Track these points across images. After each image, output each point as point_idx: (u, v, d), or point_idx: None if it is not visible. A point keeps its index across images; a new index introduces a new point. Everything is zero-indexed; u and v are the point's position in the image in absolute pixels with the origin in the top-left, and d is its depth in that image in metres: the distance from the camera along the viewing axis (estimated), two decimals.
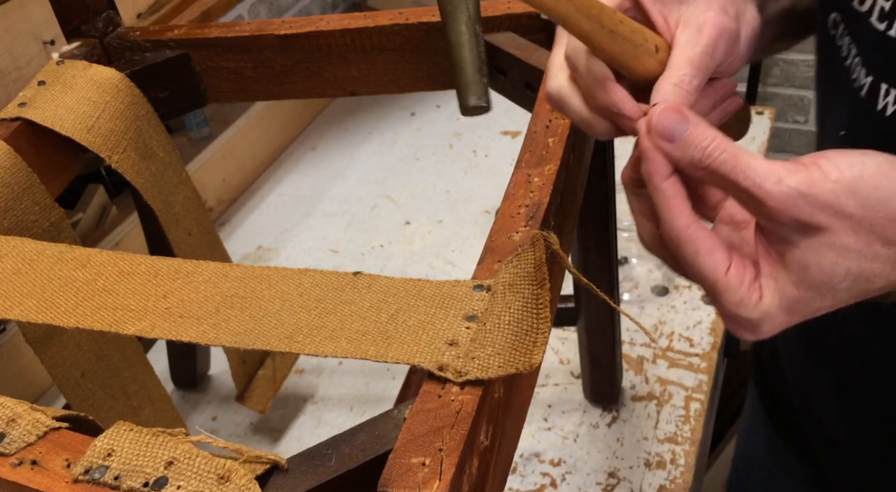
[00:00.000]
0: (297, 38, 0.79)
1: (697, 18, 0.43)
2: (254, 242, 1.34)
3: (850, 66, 0.50)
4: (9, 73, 1.02)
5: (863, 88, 0.48)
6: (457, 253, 1.25)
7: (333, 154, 1.54)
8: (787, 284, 0.38)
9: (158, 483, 0.40)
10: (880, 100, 0.47)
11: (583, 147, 0.66)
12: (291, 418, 1.05)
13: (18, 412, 0.44)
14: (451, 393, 0.42)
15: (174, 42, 0.82)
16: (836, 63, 0.52)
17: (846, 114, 0.51)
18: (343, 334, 0.47)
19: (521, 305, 0.45)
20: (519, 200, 0.54)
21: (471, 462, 0.40)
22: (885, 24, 0.45)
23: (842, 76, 0.51)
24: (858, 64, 0.49)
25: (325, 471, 0.41)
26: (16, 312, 0.53)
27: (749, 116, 0.54)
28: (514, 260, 0.48)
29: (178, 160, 0.83)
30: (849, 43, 0.50)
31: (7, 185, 0.67)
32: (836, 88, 0.52)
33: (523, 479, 0.93)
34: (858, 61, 0.49)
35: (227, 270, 0.55)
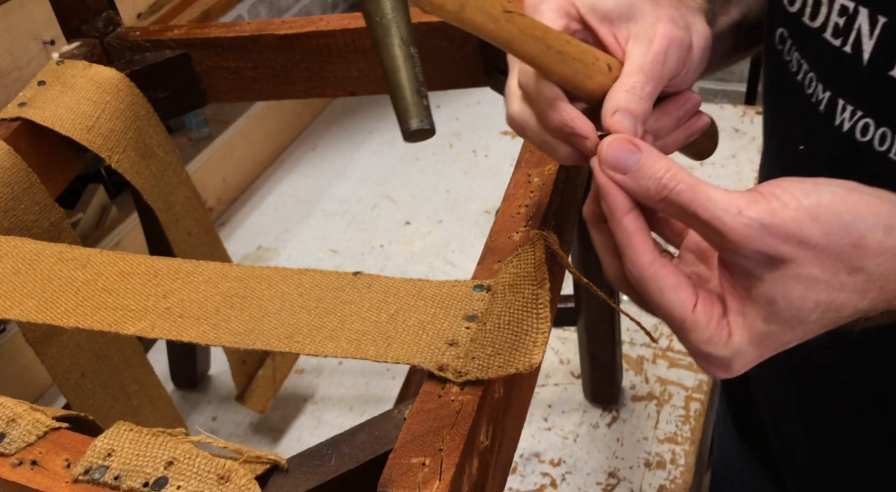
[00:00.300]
0: (297, 38, 0.79)
1: (647, 31, 0.43)
2: (254, 242, 1.34)
3: (803, 82, 0.49)
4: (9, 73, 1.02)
5: (821, 103, 0.47)
6: (457, 253, 1.25)
7: (333, 154, 1.54)
8: (755, 320, 0.37)
9: (158, 483, 0.40)
10: (837, 115, 0.46)
11: None
12: (291, 418, 1.05)
13: (18, 412, 0.44)
14: (451, 393, 0.42)
15: (174, 42, 0.82)
16: (786, 78, 0.51)
17: (804, 129, 0.50)
18: (343, 334, 0.47)
19: (522, 305, 0.45)
20: (519, 200, 0.54)
21: (471, 462, 0.40)
22: (840, 40, 0.44)
23: (796, 92, 0.50)
24: (813, 79, 0.48)
25: (325, 471, 0.41)
26: (16, 312, 0.53)
27: (716, 134, 0.53)
28: (513, 260, 0.48)
29: (178, 160, 0.83)
30: (798, 58, 0.49)
31: (7, 185, 0.67)
32: (790, 103, 0.51)
33: (523, 479, 0.93)
34: (813, 77, 0.48)
35: (227, 270, 0.55)
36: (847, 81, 0.45)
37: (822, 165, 0.48)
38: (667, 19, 0.43)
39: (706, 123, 0.48)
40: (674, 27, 0.43)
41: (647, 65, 0.42)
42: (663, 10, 0.44)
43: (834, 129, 0.46)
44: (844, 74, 0.45)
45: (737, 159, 1.36)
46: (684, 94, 0.46)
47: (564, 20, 0.44)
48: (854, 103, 0.44)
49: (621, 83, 0.42)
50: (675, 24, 0.43)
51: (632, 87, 0.42)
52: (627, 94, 0.42)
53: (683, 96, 0.46)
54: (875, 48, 0.42)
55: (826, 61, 0.46)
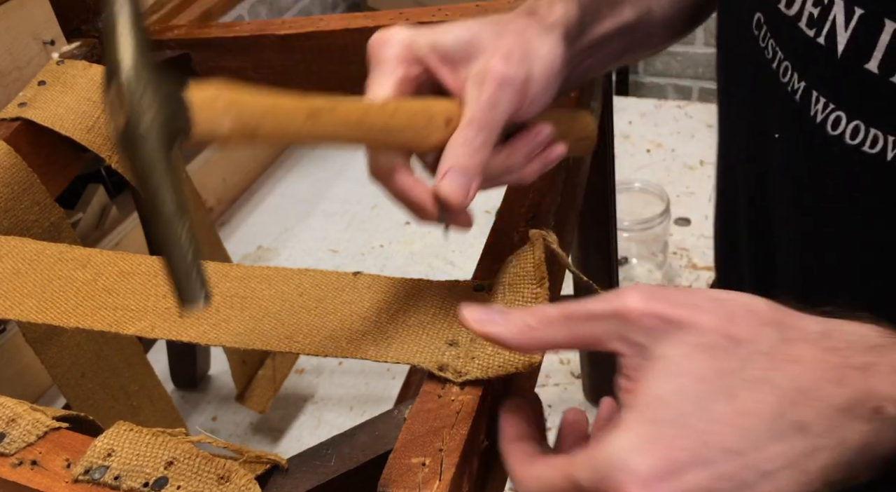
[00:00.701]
0: (297, 38, 0.79)
1: (479, 74, 0.42)
2: (254, 242, 1.34)
3: (778, 70, 0.48)
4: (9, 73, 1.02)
5: (796, 93, 0.46)
6: (457, 253, 1.25)
7: (333, 154, 1.54)
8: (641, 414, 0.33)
9: (158, 483, 0.40)
10: (812, 106, 0.45)
11: None
12: (291, 418, 1.05)
13: (18, 412, 0.44)
14: (452, 393, 0.42)
15: (174, 42, 0.82)
16: (762, 65, 0.50)
17: (779, 118, 0.49)
18: (343, 335, 0.47)
19: (521, 304, 0.45)
20: (519, 200, 0.54)
21: (471, 462, 0.40)
22: (813, 31, 0.44)
23: (772, 80, 0.49)
24: (789, 68, 0.47)
25: (325, 471, 0.41)
26: (16, 312, 0.53)
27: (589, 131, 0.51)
28: (513, 260, 0.48)
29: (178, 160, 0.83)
30: (773, 45, 0.48)
31: (7, 185, 0.67)
32: (765, 90, 0.50)
33: None
34: (788, 66, 0.47)
35: (228, 270, 0.55)
36: (820, 73, 0.44)
37: (797, 156, 0.48)
38: (501, 56, 0.42)
39: (561, 153, 0.47)
40: (506, 65, 0.42)
41: (477, 114, 0.42)
42: (501, 43, 0.43)
43: (808, 119, 0.45)
44: (818, 66, 0.44)
45: None
46: (534, 129, 0.46)
47: (404, 67, 0.44)
48: (827, 96, 0.44)
49: (455, 137, 0.42)
50: (509, 60, 0.42)
51: (464, 141, 0.42)
52: (461, 149, 0.42)
53: (533, 131, 0.46)
54: (850, 41, 0.41)
55: (801, 51, 0.45)
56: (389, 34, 0.44)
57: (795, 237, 0.53)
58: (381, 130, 0.41)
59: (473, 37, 0.43)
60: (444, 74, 0.44)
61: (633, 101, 1.61)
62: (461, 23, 0.44)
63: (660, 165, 1.39)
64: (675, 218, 1.26)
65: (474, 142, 0.42)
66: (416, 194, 0.43)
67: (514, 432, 0.40)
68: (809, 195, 0.49)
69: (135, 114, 0.35)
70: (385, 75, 0.44)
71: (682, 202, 1.29)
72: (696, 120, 1.49)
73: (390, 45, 0.44)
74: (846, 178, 0.45)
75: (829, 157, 0.45)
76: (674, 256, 1.21)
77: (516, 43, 0.43)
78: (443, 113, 0.43)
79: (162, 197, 0.35)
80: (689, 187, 1.33)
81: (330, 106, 0.39)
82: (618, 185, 0.88)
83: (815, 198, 0.49)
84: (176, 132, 0.36)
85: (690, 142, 1.43)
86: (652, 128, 1.49)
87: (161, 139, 0.35)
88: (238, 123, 0.37)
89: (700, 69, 1.94)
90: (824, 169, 0.46)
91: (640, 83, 2.05)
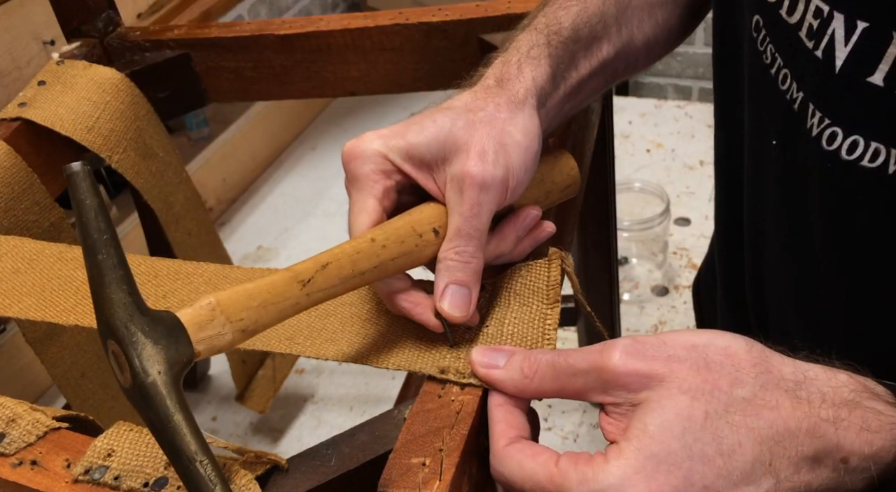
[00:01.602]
0: (297, 38, 0.79)
1: (457, 177, 0.43)
2: (254, 242, 1.34)
3: (777, 76, 0.47)
4: (9, 73, 1.02)
5: (794, 102, 0.45)
6: None
7: (333, 154, 1.54)
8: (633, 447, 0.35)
9: (158, 483, 0.40)
10: (808, 119, 0.44)
11: (582, 148, 0.66)
12: (291, 418, 1.05)
13: (18, 412, 0.44)
14: (452, 393, 0.42)
15: (174, 42, 0.82)
16: (760, 69, 0.49)
17: (776, 125, 0.49)
18: (344, 337, 0.47)
19: (528, 320, 0.45)
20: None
21: (471, 462, 0.40)
22: (812, 43, 0.43)
23: (770, 85, 0.48)
24: (788, 76, 0.46)
25: (325, 471, 0.41)
26: (15, 310, 0.53)
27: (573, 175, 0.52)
28: (523, 270, 0.47)
29: (178, 160, 0.83)
30: (773, 51, 0.47)
31: (7, 185, 0.67)
32: (764, 96, 0.49)
33: None
34: (788, 74, 0.46)
35: (228, 272, 0.55)
36: (818, 87, 0.43)
37: (793, 164, 0.47)
38: (476, 156, 0.42)
39: (550, 231, 0.48)
40: (482, 167, 0.42)
41: (463, 225, 0.42)
42: (475, 139, 0.43)
43: (805, 131, 0.45)
44: (816, 79, 0.43)
45: None
46: (521, 213, 0.46)
47: (382, 181, 0.44)
48: (822, 111, 0.43)
49: (446, 251, 0.43)
50: (485, 160, 0.42)
51: (456, 253, 0.43)
52: (453, 263, 0.43)
53: (521, 216, 0.46)
54: (851, 55, 0.40)
55: (801, 62, 0.44)
56: (362, 148, 0.44)
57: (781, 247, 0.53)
58: (376, 269, 0.42)
59: (447, 136, 0.43)
60: (422, 180, 0.44)
61: (633, 101, 1.61)
62: (431, 119, 0.44)
63: (660, 165, 1.38)
64: (675, 218, 1.26)
65: (465, 251, 0.43)
66: (418, 315, 0.44)
67: (503, 399, 0.40)
68: (797, 204, 0.49)
69: (139, 371, 0.35)
70: (365, 193, 0.44)
71: (682, 202, 1.29)
72: (696, 120, 1.49)
73: (365, 161, 0.44)
74: (837, 190, 0.44)
75: (822, 169, 0.44)
76: (674, 256, 1.21)
77: (489, 136, 0.43)
78: (430, 224, 0.43)
79: (181, 437, 0.36)
80: (689, 187, 1.33)
81: (320, 266, 0.40)
82: (618, 185, 0.88)
83: (801, 207, 0.48)
84: (182, 365, 0.36)
85: (690, 142, 1.43)
86: (652, 128, 1.49)
87: (169, 384, 0.36)
88: (238, 328, 0.37)
89: (700, 69, 1.94)
90: (821, 181, 0.45)
91: (640, 83, 2.05)
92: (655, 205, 1.15)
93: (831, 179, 0.44)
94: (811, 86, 0.44)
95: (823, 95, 0.43)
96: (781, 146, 0.48)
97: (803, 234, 0.49)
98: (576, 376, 0.38)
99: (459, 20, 0.75)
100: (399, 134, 0.44)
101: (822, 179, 0.45)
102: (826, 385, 0.36)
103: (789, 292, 0.54)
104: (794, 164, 0.47)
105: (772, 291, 0.56)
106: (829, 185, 0.45)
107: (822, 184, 0.45)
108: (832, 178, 0.44)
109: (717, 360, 0.36)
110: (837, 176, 0.43)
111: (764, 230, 0.54)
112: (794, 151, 0.47)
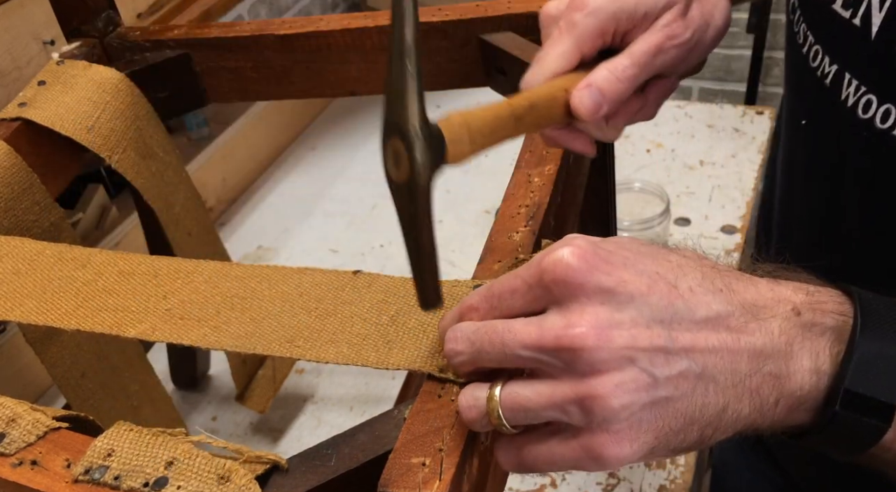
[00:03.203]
0: (297, 38, 0.79)
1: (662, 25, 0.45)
2: (254, 242, 1.34)
3: (808, 54, 0.49)
4: (9, 73, 1.02)
5: (827, 77, 0.47)
6: (457, 253, 1.25)
7: (333, 154, 1.54)
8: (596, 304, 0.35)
9: (158, 483, 0.40)
10: (843, 90, 0.45)
11: None
12: (291, 418, 1.05)
13: (18, 412, 0.44)
14: (452, 393, 0.42)
15: (174, 42, 0.82)
16: (794, 49, 0.51)
17: (809, 103, 0.50)
18: (344, 338, 0.47)
19: None
20: (519, 200, 0.54)
21: (471, 462, 0.40)
22: (849, 12, 0.44)
23: (803, 64, 0.50)
24: (820, 52, 0.48)
25: (325, 471, 0.41)
26: (16, 314, 0.53)
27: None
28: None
29: (178, 160, 0.83)
30: (805, 30, 0.49)
31: (7, 185, 0.67)
32: (796, 76, 0.52)
33: (523, 479, 0.93)
34: (819, 50, 0.48)
35: (228, 270, 0.54)
36: (854, 55, 0.45)
37: (824, 141, 0.48)
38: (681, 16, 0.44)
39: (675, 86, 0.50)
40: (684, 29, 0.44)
41: (637, 53, 0.44)
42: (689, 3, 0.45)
43: (839, 104, 0.46)
44: (852, 48, 0.45)
45: (737, 159, 1.36)
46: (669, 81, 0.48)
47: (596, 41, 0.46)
48: (859, 78, 0.44)
49: (606, 63, 0.44)
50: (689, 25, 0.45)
51: (613, 68, 0.44)
52: (607, 73, 0.44)
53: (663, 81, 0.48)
54: (884, 21, 0.41)
55: (835, 33, 0.46)
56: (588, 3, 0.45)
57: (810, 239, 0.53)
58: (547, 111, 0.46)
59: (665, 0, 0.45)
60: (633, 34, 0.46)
61: None
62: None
63: (660, 165, 1.38)
64: (675, 218, 1.26)
65: (623, 72, 0.44)
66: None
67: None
68: (829, 182, 0.49)
69: (418, 171, 0.40)
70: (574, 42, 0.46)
71: (682, 202, 1.29)
72: (696, 120, 1.49)
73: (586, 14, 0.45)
74: (872, 162, 0.45)
75: (858, 142, 0.45)
76: None
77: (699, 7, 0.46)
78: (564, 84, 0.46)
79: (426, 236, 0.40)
80: (689, 187, 1.32)
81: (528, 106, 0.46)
82: (618, 185, 0.87)
83: (835, 184, 0.49)
84: (438, 169, 0.41)
85: (690, 142, 1.43)
86: (652, 128, 1.49)
87: (431, 186, 0.40)
88: (473, 143, 0.43)
89: None
90: (852, 153, 0.46)
91: None
92: (655, 205, 1.15)
93: (866, 150, 0.45)
94: (847, 55, 0.45)
95: (860, 63, 0.44)
96: (811, 125, 0.49)
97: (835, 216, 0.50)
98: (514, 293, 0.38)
99: (459, 20, 0.75)
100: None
101: (857, 151, 0.46)
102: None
103: None
104: (823, 140, 0.48)
105: None
106: (863, 156, 0.45)
107: (857, 156, 0.46)
108: (867, 148, 0.44)
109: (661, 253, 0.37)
110: (872, 145, 0.44)
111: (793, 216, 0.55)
112: (824, 126, 0.48)
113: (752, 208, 1.26)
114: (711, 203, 1.28)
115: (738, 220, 1.24)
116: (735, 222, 1.23)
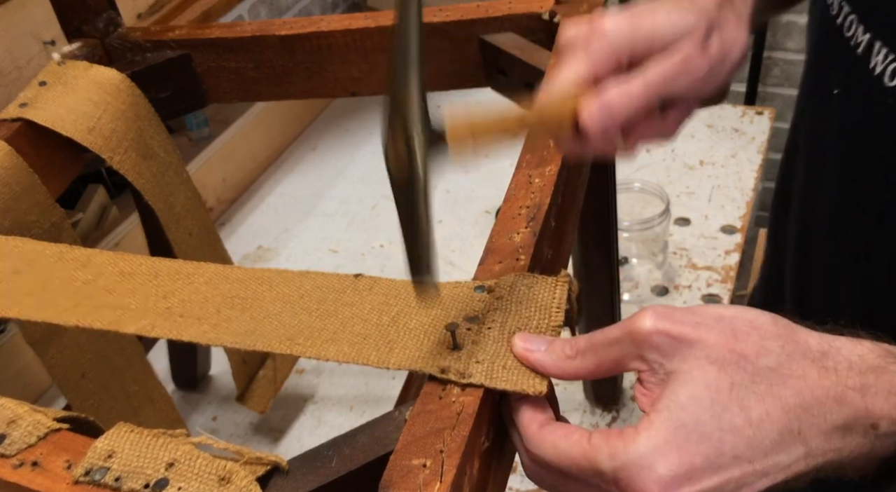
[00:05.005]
0: (297, 38, 0.79)
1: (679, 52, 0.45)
2: (254, 242, 1.34)
3: (842, 24, 0.49)
4: (9, 73, 1.02)
5: (859, 46, 0.48)
6: (457, 253, 1.25)
7: (333, 154, 1.54)
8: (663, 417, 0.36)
9: (159, 485, 0.40)
10: (872, 58, 0.46)
11: None
12: (292, 418, 1.05)
13: (19, 413, 0.44)
14: (452, 394, 0.42)
15: (175, 42, 0.82)
16: (826, 21, 0.52)
17: (841, 73, 0.51)
18: (344, 337, 0.47)
19: (534, 326, 0.45)
20: (520, 200, 0.54)
21: (472, 464, 0.40)
22: None
23: (836, 35, 0.50)
24: (854, 21, 0.48)
25: (325, 472, 0.41)
26: (15, 311, 0.53)
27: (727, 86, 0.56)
28: (527, 281, 0.47)
29: (178, 160, 0.83)
30: (839, 1, 0.50)
31: (7, 185, 0.67)
32: (828, 47, 0.52)
33: (524, 479, 0.93)
34: (854, 19, 0.48)
35: (228, 272, 0.55)
36: (887, 22, 0.46)
37: (854, 111, 0.49)
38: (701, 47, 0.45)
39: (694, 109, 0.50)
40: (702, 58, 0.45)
41: (650, 76, 0.45)
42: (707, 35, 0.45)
43: (868, 71, 0.47)
44: (886, 15, 0.45)
45: (737, 159, 1.36)
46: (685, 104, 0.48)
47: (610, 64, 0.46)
48: (889, 45, 0.45)
49: (619, 82, 0.45)
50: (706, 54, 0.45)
51: (625, 88, 0.44)
52: (618, 91, 0.44)
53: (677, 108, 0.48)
54: None
55: (868, 2, 0.47)
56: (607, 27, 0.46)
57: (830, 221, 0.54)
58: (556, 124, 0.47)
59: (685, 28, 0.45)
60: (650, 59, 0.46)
61: None
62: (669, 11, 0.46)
63: (660, 165, 1.38)
64: (675, 218, 1.26)
65: (632, 91, 0.44)
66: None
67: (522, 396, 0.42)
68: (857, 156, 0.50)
69: (417, 168, 0.41)
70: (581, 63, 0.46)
71: (682, 202, 1.29)
72: (695, 120, 1.49)
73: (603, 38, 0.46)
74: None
75: (887, 111, 0.45)
76: (674, 256, 1.21)
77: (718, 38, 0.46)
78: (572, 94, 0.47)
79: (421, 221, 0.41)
80: (689, 187, 1.32)
81: (536, 113, 0.47)
82: (618, 185, 0.87)
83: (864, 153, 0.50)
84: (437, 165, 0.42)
85: (690, 142, 1.43)
86: None
87: (429, 184, 0.41)
88: (476, 143, 0.44)
89: None
90: (882, 123, 0.47)
91: None
92: (655, 205, 1.15)
93: (889, 118, 0.45)
94: (880, 23, 0.46)
95: (891, 29, 0.45)
96: (842, 94, 0.51)
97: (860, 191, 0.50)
98: (611, 345, 0.39)
99: (460, 20, 0.75)
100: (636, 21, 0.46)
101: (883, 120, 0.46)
102: (852, 353, 0.37)
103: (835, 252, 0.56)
104: (852, 108, 0.49)
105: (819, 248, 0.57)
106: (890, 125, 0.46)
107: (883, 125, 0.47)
108: (891, 116, 0.45)
109: (743, 330, 0.37)
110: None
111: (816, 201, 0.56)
112: (855, 95, 0.49)
113: (752, 208, 1.26)
114: (711, 203, 1.28)
115: (738, 220, 1.24)
116: (735, 222, 1.23)
